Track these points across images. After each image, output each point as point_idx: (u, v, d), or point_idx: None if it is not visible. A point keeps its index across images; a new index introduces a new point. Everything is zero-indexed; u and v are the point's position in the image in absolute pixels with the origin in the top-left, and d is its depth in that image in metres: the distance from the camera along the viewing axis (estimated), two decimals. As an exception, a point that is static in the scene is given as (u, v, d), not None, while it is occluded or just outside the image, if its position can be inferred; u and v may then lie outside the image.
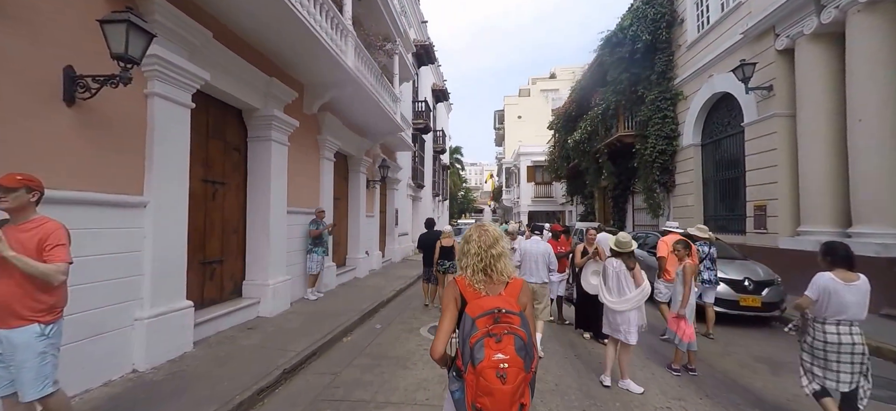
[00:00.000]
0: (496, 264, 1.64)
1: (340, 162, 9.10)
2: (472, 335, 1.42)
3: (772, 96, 8.45)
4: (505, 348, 1.39)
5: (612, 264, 3.76)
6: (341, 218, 9.18)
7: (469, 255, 1.68)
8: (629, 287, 3.64)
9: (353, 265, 9.33)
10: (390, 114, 9.30)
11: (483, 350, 1.39)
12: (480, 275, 1.63)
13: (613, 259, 3.76)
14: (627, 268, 3.67)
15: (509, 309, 1.48)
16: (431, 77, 22.13)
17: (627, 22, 13.22)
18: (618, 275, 3.69)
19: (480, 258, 1.64)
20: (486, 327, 1.43)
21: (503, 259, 1.66)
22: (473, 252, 1.66)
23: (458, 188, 43.86)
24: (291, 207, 6.25)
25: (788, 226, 8.15)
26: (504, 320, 1.44)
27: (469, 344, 1.42)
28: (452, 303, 1.61)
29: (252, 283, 5.44)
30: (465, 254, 1.70)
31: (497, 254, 1.65)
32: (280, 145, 5.80)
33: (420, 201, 18.33)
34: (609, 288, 3.73)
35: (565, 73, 46.56)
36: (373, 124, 9.67)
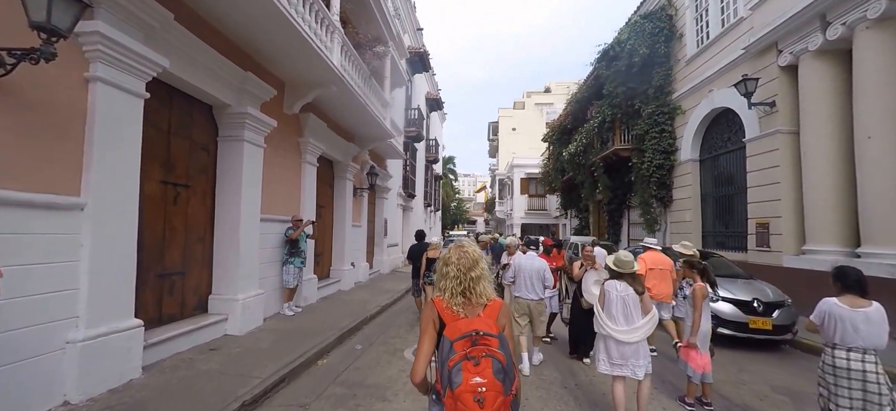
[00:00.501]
0: (475, 287, 1.61)
1: (325, 167, 8.61)
2: (450, 358, 1.41)
3: (774, 112, 8.22)
4: (483, 371, 1.37)
5: (615, 288, 3.24)
6: (325, 227, 8.66)
7: (448, 278, 1.63)
8: (638, 315, 3.18)
9: (338, 277, 8.78)
10: (379, 119, 8.89)
11: (461, 373, 1.37)
12: (459, 297, 1.59)
13: (616, 281, 3.27)
14: (636, 292, 3.19)
15: (487, 332, 1.45)
16: (425, 85, 21.86)
17: (625, 35, 13.09)
18: (624, 300, 3.19)
19: (459, 281, 1.60)
20: (463, 350, 1.41)
21: (482, 281, 1.63)
22: (453, 275, 1.62)
23: (450, 199, 43.59)
24: (266, 215, 5.74)
25: (792, 245, 7.85)
26: (482, 342, 1.42)
27: (447, 367, 1.40)
28: (431, 324, 1.58)
29: (219, 298, 4.89)
30: (444, 277, 1.65)
31: (476, 276, 1.62)
32: (254, 146, 5.31)
33: (411, 211, 17.84)
34: (612, 315, 3.22)
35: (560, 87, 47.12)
36: (361, 128, 9.23)
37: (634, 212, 15.00)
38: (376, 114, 8.63)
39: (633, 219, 15.30)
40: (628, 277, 3.21)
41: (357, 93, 7.24)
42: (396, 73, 12.53)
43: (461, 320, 1.53)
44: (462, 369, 1.38)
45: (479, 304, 1.60)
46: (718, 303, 5.39)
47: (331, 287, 8.35)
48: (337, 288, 8.66)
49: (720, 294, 5.43)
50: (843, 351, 2.62)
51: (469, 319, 1.54)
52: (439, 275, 1.69)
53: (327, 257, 8.75)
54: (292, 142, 6.75)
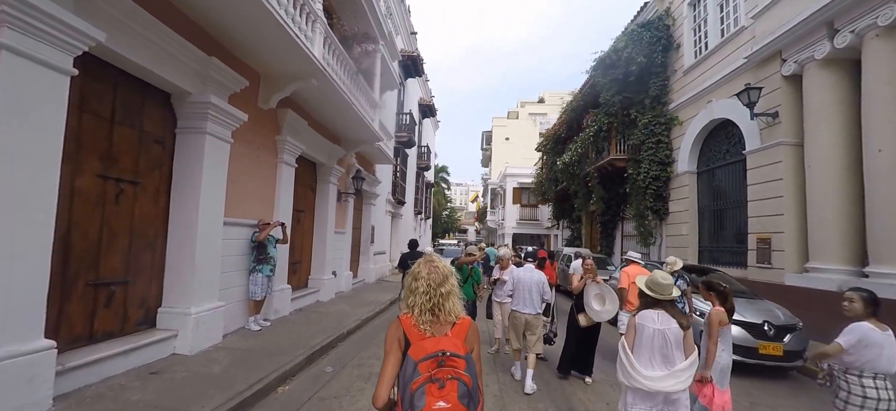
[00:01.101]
0: (444, 303, 1.54)
1: (306, 169, 8.06)
2: (414, 380, 1.35)
3: (777, 123, 7.92)
4: (447, 395, 1.32)
5: (652, 320, 2.54)
6: (305, 233, 8.07)
7: (417, 293, 1.56)
8: (680, 355, 2.49)
9: (316, 287, 8.16)
10: (367, 121, 8.38)
11: (424, 397, 1.31)
12: (428, 315, 1.52)
13: (652, 312, 2.58)
14: (680, 326, 2.48)
15: (454, 352, 1.40)
16: (418, 91, 21.46)
17: (622, 44, 12.84)
18: (664, 337, 2.47)
19: (429, 297, 1.54)
20: (428, 371, 1.35)
21: (452, 297, 1.57)
22: (422, 290, 1.55)
23: (442, 207, 43.18)
24: (232, 218, 5.15)
25: (795, 262, 7.48)
26: (448, 364, 1.37)
27: (410, 390, 1.34)
28: (396, 344, 1.51)
29: (170, 312, 4.27)
30: (413, 292, 1.57)
31: (446, 292, 1.56)
32: (219, 141, 4.75)
33: (400, 219, 17.28)
34: (643, 354, 2.54)
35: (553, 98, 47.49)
36: (346, 129, 8.71)
37: (628, 223, 14.68)
38: (363, 114, 8.13)
39: (626, 231, 14.96)
40: (669, 306, 2.55)
41: (341, 89, 6.74)
42: (387, 76, 12.07)
43: (428, 339, 1.45)
44: (425, 392, 1.32)
45: (447, 322, 1.53)
46: (726, 325, 4.95)
47: (308, 297, 7.73)
48: (315, 298, 8.04)
49: (728, 315, 5.00)
50: (870, 379, 2.50)
51: (436, 339, 1.46)
52: (407, 291, 1.60)
53: (306, 265, 8.14)
54: (268, 140, 6.20)
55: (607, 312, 4.38)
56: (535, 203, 29.00)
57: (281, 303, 6.35)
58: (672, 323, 2.49)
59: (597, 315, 4.43)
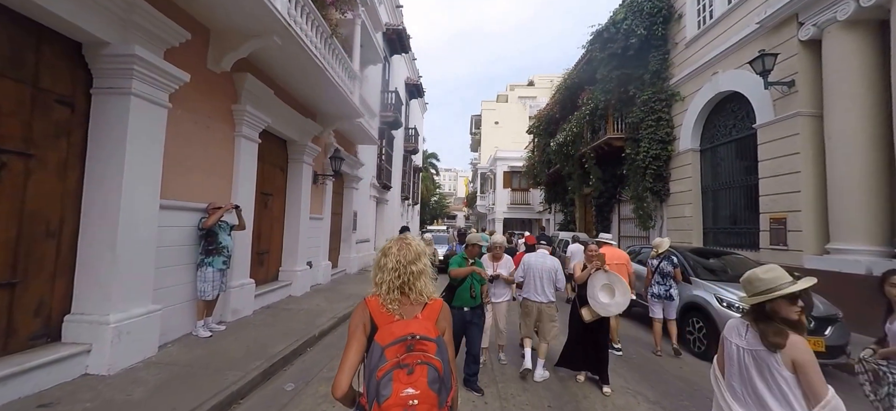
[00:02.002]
0: (415, 282, 1.45)
1: (274, 147, 7.09)
2: (380, 367, 1.24)
3: (793, 93, 7.26)
4: (416, 381, 1.22)
5: (736, 334, 1.75)
6: (274, 220, 7.15)
7: (385, 270, 1.46)
8: (774, 397, 1.59)
9: (288, 280, 7.28)
10: (345, 92, 7.42)
11: (390, 384, 1.21)
12: (396, 293, 1.43)
13: (736, 321, 1.80)
14: (770, 345, 1.59)
15: (425, 335, 1.30)
16: (405, 69, 20.35)
17: (621, 16, 12.04)
18: (754, 362, 1.65)
19: (398, 274, 1.44)
20: (396, 356, 1.25)
21: (424, 277, 1.48)
22: (391, 266, 1.46)
23: (431, 193, 42.44)
24: (172, 200, 4.23)
25: (814, 243, 6.92)
26: (418, 347, 1.28)
27: (375, 377, 1.23)
28: (361, 328, 1.40)
29: (81, 320, 3.37)
30: (381, 269, 1.48)
31: (417, 271, 1.47)
32: (151, 105, 3.80)
33: (386, 204, 16.37)
34: (733, 382, 1.73)
35: (543, 81, 46.77)
36: (322, 102, 7.73)
37: (626, 206, 14.11)
38: (341, 85, 7.16)
39: (624, 214, 14.40)
40: (759, 316, 1.65)
41: (312, 52, 5.77)
42: (370, 48, 11.04)
43: (396, 322, 1.36)
44: (393, 379, 1.22)
45: (418, 303, 1.45)
46: (760, 317, 4.32)
47: (277, 292, 6.85)
48: (286, 293, 7.17)
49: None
50: None
51: (405, 321, 1.37)
52: (376, 268, 1.51)
53: (275, 256, 7.24)
54: (222, 109, 5.23)
55: (617, 305, 3.73)
56: (527, 187, 28.40)
57: (241, 301, 5.47)
58: (760, 348, 1.61)
59: (604, 308, 3.79)
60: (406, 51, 17.25)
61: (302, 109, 7.53)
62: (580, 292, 4.05)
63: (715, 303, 4.73)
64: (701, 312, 4.98)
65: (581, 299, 3.99)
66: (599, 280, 3.86)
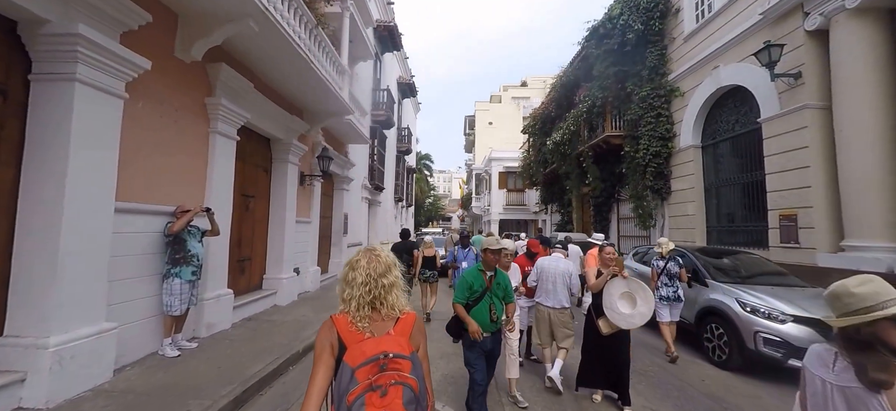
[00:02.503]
0: (387, 296, 1.36)
1: (257, 145, 6.62)
2: (351, 390, 1.15)
3: (800, 85, 6.97)
4: (391, 403, 1.15)
5: (820, 364, 1.34)
6: (256, 223, 6.67)
7: (354, 285, 1.35)
8: None
9: (272, 288, 6.79)
10: (333, 88, 6.97)
11: (363, 408, 1.13)
12: (367, 309, 1.32)
13: (818, 347, 1.41)
14: (872, 382, 1.16)
15: (398, 353, 1.22)
16: (397, 68, 19.93)
17: (617, 11, 11.78)
18: (862, 407, 1.19)
19: (369, 289, 1.34)
20: (368, 378, 1.16)
21: (395, 290, 1.39)
22: (361, 281, 1.34)
23: (425, 195, 42.07)
24: (131, 202, 3.75)
25: (827, 240, 6.62)
26: (392, 367, 1.19)
27: (346, 402, 1.14)
28: (328, 349, 1.28)
29: (15, 344, 2.85)
30: (350, 284, 1.36)
31: (389, 284, 1.37)
32: (103, 94, 3.34)
33: (379, 206, 15.91)
34: None
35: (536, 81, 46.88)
36: (308, 98, 7.27)
37: (625, 205, 13.82)
38: (328, 79, 6.71)
39: (623, 214, 14.11)
40: (853, 344, 1.24)
41: (293, 40, 5.32)
42: (360, 44, 10.60)
43: (367, 340, 1.25)
44: (365, 403, 1.14)
45: (389, 318, 1.34)
46: (787, 324, 3.95)
47: (260, 302, 6.36)
48: (271, 303, 6.68)
49: (788, 311, 3.99)
50: None
51: (377, 339, 1.26)
52: (343, 283, 1.39)
53: (258, 262, 6.75)
54: (193, 102, 4.76)
55: (640, 316, 3.30)
56: (522, 187, 28.11)
57: (217, 313, 4.97)
58: (853, 380, 1.20)
59: (625, 320, 3.35)
60: (398, 48, 16.85)
61: (287, 105, 7.07)
62: (595, 301, 3.61)
63: (737, 307, 4.36)
64: (721, 318, 4.59)
65: (597, 309, 3.56)
66: (618, 287, 3.40)
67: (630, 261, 7.78)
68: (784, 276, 5.40)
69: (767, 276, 5.32)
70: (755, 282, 4.97)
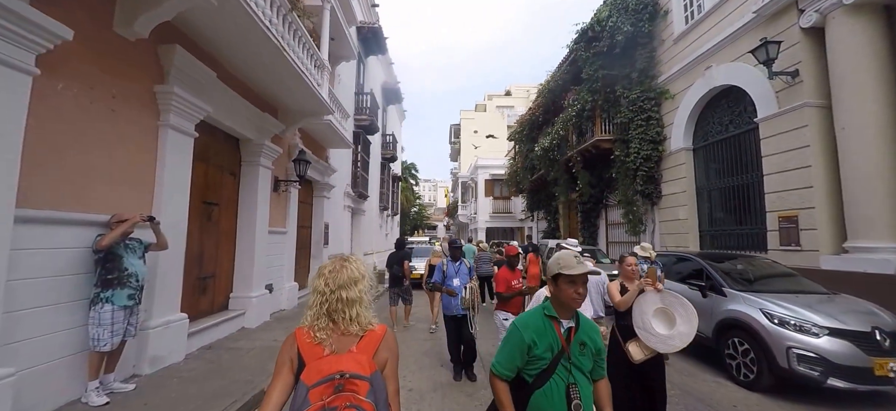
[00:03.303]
0: (347, 310, 1.23)
1: (221, 145, 5.92)
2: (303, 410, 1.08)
3: (798, 83, 6.77)
4: None
5: None
6: (222, 235, 5.93)
7: (315, 292, 1.27)
8: None
9: (240, 308, 6.03)
10: (310, 82, 6.34)
11: None
12: (324, 320, 1.22)
13: None
14: None
15: (356, 373, 1.14)
16: (381, 73, 19.39)
17: (605, 13, 11.61)
18: None
19: (325, 298, 1.24)
20: (321, 399, 1.09)
21: (357, 305, 1.25)
22: (319, 288, 1.26)
23: (411, 204, 41.49)
24: (42, 210, 3.03)
25: (831, 242, 6.37)
26: (348, 388, 1.11)
27: None
28: (287, 364, 1.20)
29: None
30: (313, 292, 1.28)
31: (349, 298, 1.24)
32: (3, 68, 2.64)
33: (363, 215, 15.18)
34: None
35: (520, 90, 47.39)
36: (283, 93, 6.61)
37: (613, 211, 13.57)
38: (304, 72, 6.09)
39: (611, 219, 13.86)
40: None
41: (262, 22, 4.69)
42: (343, 43, 10.03)
43: (325, 358, 1.17)
44: None
45: (350, 334, 1.23)
46: (822, 338, 3.52)
47: (225, 325, 5.60)
48: (238, 325, 5.92)
49: (822, 323, 3.57)
50: None
51: (337, 356, 1.17)
52: (311, 289, 1.31)
53: (224, 280, 5.99)
54: (139, 90, 4.06)
55: (681, 336, 2.62)
56: (508, 195, 27.87)
57: (165, 344, 4.18)
58: None
59: (663, 342, 2.68)
60: (382, 52, 16.33)
61: (258, 101, 6.39)
62: (621, 322, 2.99)
63: (763, 319, 3.91)
64: (745, 332, 4.12)
65: (624, 331, 2.93)
66: (651, 303, 2.76)
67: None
68: (799, 281, 5.03)
69: (780, 280, 4.93)
70: (773, 289, 4.57)
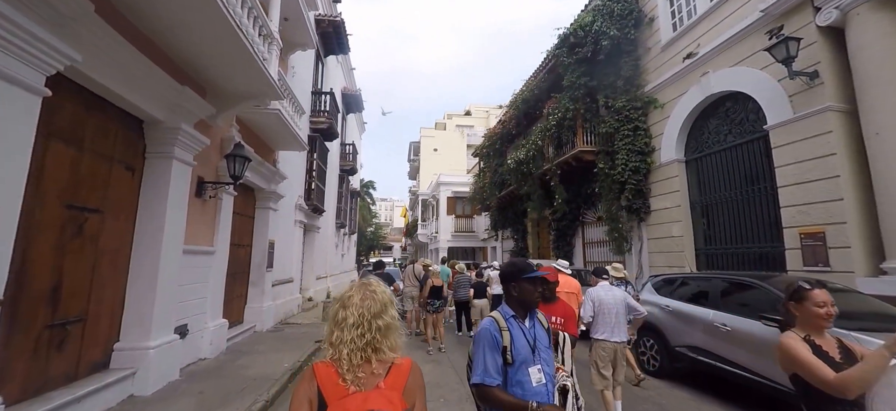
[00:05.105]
0: (383, 340, 1.16)
1: (107, 122, 3.99)
2: None
3: (819, 85, 6.23)
4: None
5: None
6: (102, 256, 3.91)
7: (346, 327, 1.15)
8: None
9: (129, 366, 3.97)
10: (252, 50, 4.60)
11: None
12: (359, 356, 1.11)
13: None
14: None
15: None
16: (342, 77, 17.66)
17: (588, 19, 11.00)
18: None
19: (362, 332, 1.14)
20: None
21: (393, 334, 1.18)
22: (352, 322, 1.15)
23: (367, 223, 39.31)
24: None
25: (866, 262, 5.70)
26: None
27: None
28: (305, 406, 1.08)
29: None
30: (340, 326, 1.16)
31: (385, 325, 1.17)
32: None
33: (317, 232, 13.09)
34: None
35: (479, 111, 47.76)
36: (211, 61, 4.79)
37: (592, 228, 12.81)
38: (242, 32, 4.35)
39: (589, 238, 13.07)
40: None
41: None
42: (300, 27, 8.37)
43: (351, 396, 1.05)
44: None
45: (381, 367, 1.12)
46: None
47: (100, 397, 3.54)
48: (123, 393, 3.84)
49: None
50: None
51: (364, 394, 1.07)
52: (332, 323, 1.18)
53: (102, 324, 3.92)
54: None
55: None
56: (471, 213, 26.90)
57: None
58: None
59: None
60: (344, 51, 14.68)
61: (172, 68, 4.53)
62: (818, 400, 1.67)
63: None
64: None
65: None
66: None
67: (649, 294, 6.26)
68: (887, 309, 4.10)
69: (880, 319, 3.96)
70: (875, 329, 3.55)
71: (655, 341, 5.78)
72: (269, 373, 5.17)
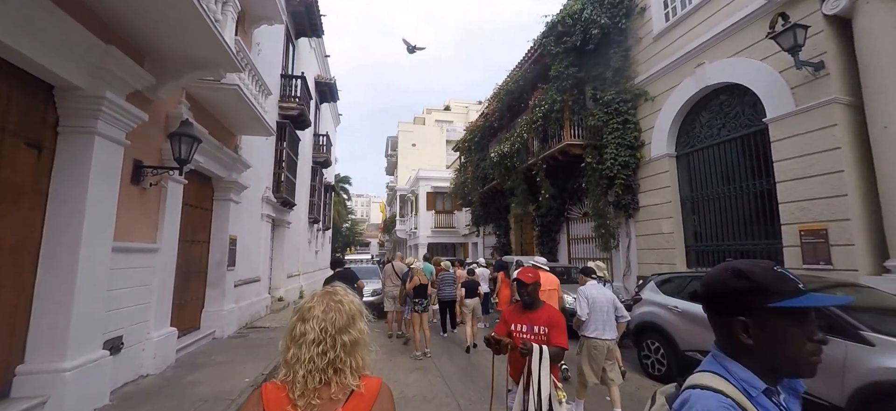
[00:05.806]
0: (351, 358, 0.98)
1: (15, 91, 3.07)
2: None
3: (824, 76, 5.97)
4: None
5: None
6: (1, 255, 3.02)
7: (305, 344, 0.96)
8: None
9: (37, 394, 3.09)
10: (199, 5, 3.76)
11: None
12: (318, 379, 0.94)
13: None
14: None
15: None
16: (315, 64, 16.57)
17: (577, 6, 10.55)
18: None
19: (323, 349, 0.96)
20: None
21: (359, 351, 1.00)
22: (313, 338, 0.97)
23: (343, 219, 38.07)
24: None
25: (870, 260, 5.50)
26: None
27: None
28: None
29: None
30: (296, 341, 0.98)
31: (351, 341, 0.99)
32: None
33: (287, 228, 12.10)
34: None
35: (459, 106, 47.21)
36: (154, 21, 3.90)
37: (577, 224, 12.50)
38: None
39: (574, 234, 12.75)
40: None
41: None
42: None
43: None
44: None
45: (341, 392, 0.94)
46: None
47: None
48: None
49: None
50: None
51: None
52: (288, 338, 1.00)
53: (2, 340, 3.04)
54: None
55: None
56: (451, 209, 26.33)
57: None
58: None
59: None
60: (318, 34, 13.68)
61: (98, 23, 3.63)
62: None
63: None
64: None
65: None
66: None
67: (652, 293, 5.85)
68: None
69: None
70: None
71: (661, 344, 5.36)
72: (226, 391, 4.37)
